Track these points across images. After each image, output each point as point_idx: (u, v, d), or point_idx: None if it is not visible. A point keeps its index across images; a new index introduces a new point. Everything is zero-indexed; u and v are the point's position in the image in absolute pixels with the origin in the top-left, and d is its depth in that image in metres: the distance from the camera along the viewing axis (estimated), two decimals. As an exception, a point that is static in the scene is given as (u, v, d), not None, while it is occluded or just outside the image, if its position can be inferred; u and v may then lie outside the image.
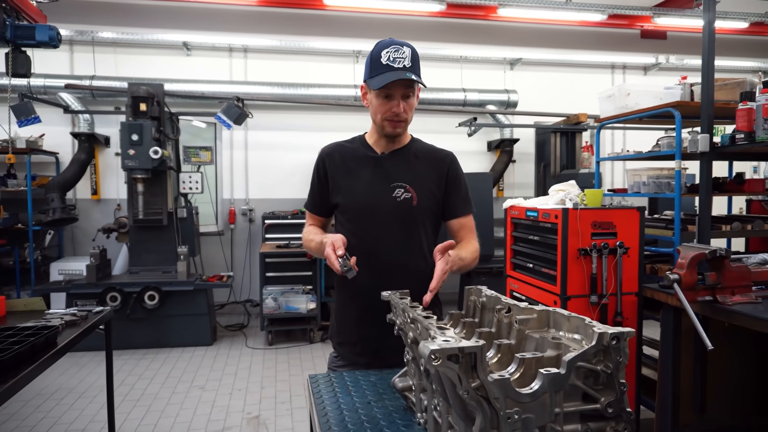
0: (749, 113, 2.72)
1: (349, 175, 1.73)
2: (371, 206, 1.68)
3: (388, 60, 1.56)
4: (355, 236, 1.65)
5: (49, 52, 5.38)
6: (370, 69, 1.61)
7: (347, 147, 1.79)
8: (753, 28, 7.08)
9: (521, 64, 6.95)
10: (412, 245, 1.69)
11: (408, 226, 1.68)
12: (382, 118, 1.65)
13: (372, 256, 1.63)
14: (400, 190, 1.67)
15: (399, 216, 1.67)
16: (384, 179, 1.69)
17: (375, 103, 1.64)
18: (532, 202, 3.07)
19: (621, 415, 0.92)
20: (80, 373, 4.33)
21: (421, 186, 1.69)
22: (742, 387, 2.82)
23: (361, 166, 1.72)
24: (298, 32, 6.41)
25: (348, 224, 1.72)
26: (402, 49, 1.57)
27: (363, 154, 1.74)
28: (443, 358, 0.82)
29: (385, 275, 1.61)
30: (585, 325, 0.97)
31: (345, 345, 1.77)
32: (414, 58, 1.58)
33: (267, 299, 5.11)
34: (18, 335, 1.98)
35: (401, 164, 1.72)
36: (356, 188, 1.70)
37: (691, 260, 2.25)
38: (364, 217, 1.69)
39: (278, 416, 3.57)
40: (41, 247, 5.75)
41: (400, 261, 1.67)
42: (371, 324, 1.65)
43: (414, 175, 1.70)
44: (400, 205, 1.67)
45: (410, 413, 1.31)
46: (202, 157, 6.26)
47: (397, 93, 1.59)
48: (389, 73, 1.54)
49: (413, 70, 1.57)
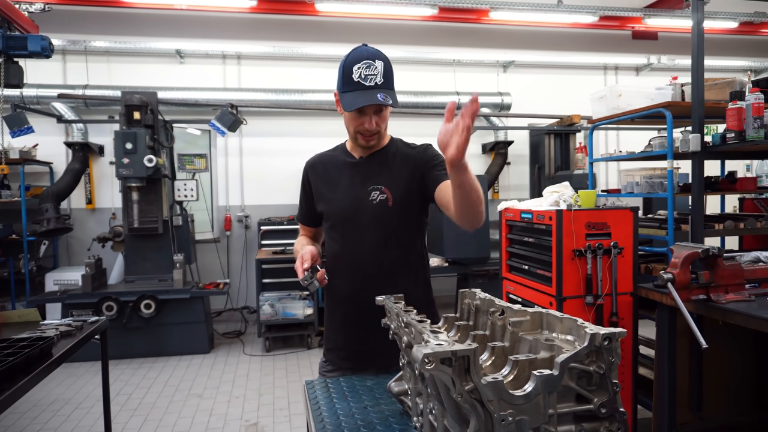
0: (739, 112, 2.74)
1: (330, 183, 1.74)
2: (350, 211, 1.68)
3: (359, 77, 1.53)
4: (337, 243, 1.69)
5: (41, 62, 5.37)
6: (342, 83, 1.59)
7: (329, 155, 1.81)
8: (742, 28, 7.14)
9: (514, 66, 6.98)
10: (391, 249, 1.68)
11: (385, 228, 1.67)
12: (354, 131, 1.65)
13: (354, 262, 1.66)
14: (375, 192, 1.67)
15: (376, 219, 1.66)
16: (361, 183, 1.69)
17: (347, 116, 1.63)
18: (527, 204, 3.08)
19: (614, 415, 0.92)
20: (76, 384, 4.30)
21: (396, 185, 1.67)
22: (738, 385, 2.83)
23: (341, 172, 1.74)
24: (291, 38, 6.43)
25: (331, 231, 1.74)
26: (374, 65, 1.54)
27: (342, 160, 1.76)
28: (436, 362, 0.82)
29: (367, 280, 1.64)
30: (577, 327, 0.97)
31: (332, 350, 1.79)
32: (386, 72, 1.56)
33: (264, 306, 5.10)
34: (12, 347, 1.97)
35: (378, 167, 1.71)
36: (336, 195, 1.72)
37: (685, 259, 2.27)
38: (345, 223, 1.70)
39: (276, 423, 3.56)
40: (36, 258, 5.73)
41: (381, 265, 1.67)
42: (355, 329, 1.68)
43: (390, 176, 1.69)
44: (377, 207, 1.66)
45: (406, 417, 1.31)
46: (196, 164, 6.26)
47: (369, 110, 1.59)
48: (360, 94, 1.53)
49: (386, 85, 1.55)
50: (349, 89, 1.56)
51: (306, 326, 5.24)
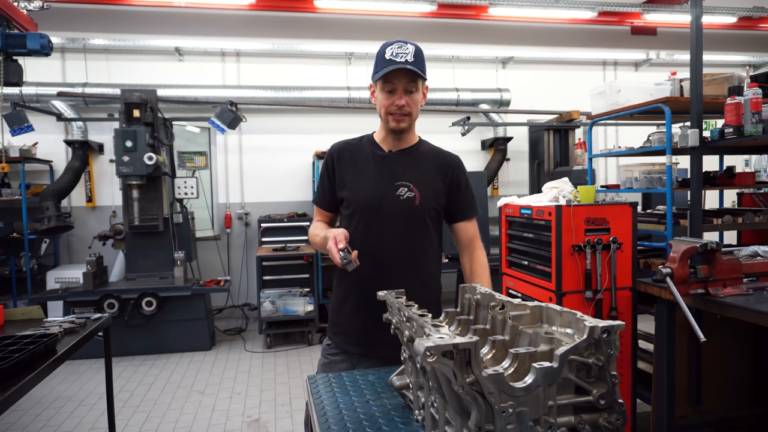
0: (737, 107, 2.75)
1: (356, 172, 1.77)
2: (375, 203, 1.72)
3: (391, 55, 1.61)
4: (357, 231, 1.72)
5: (40, 60, 5.38)
6: (375, 64, 1.67)
7: (355, 144, 1.83)
8: (741, 23, 7.14)
9: (513, 62, 6.98)
10: (412, 242, 1.73)
11: (410, 224, 1.72)
12: (386, 112, 1.69)
13: (373, 250, 1.69)
14: (404, 189, 1.71)
15: (401, 214, 1.71)
16: (389, 177, 1.73)
17: (380, 97, 1.69)
18: (526, 200, 3.09)
19: (613, 406, 0.94)
20: (79, 381, 4.32)
21: (424, 186, 1.73)
22: (737, 378, 2.85)
23: (368, 163, 1.77)
24: (290, 35, 6.42)
25: (352, 219, 1.76)
26: (405, 46, 1.62)
27: (370, 151, 1.79)
28: (438, 355, 0.84)
29: (385, 269, 1.69)
30: (576, 320, 0.99)
31: (340, 335, 1.81)
32: (417, 54, 1.63)
33: (265, 302, 5.12)
34: (17, 343, 1.99)
35: (407, 163, 1.75)
36: (362, 185, 1.75)
37: (683, 254, 2.28)
38: (368, 213, 1.73)
39: (278, 419, 3.58)
40: (37, 256, 5.74)
41: (401, 257, 1.72)
42: (369, 315, 1.69)
43: (419, 175, 1.74)
44: (403, 203, 1.71)
45: (408, 411, 1.33)
46: (196, 162, 6.26)
47: (399, 86, 1.64)
48: (391, 66, 1.60)
49: (416, 64, 1.61)
50: (380, 67, 1.63)
51: (307, 323, 5.26)
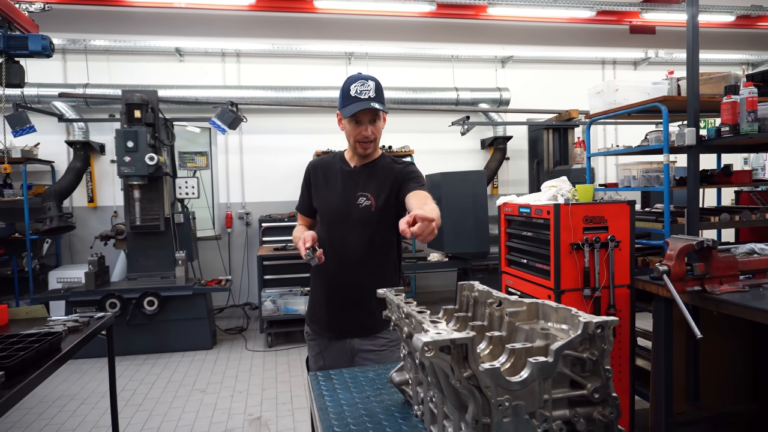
0: (734, 106, 2.77)
1: (326, 185, 2.08)
2: (340, 211, 2.01)
3: (356, 93, 1.89)
4: (326, 234, 2.02)
5: (42, 62, 5.41)
6: (342, 100, 1.93)
7: (329, 161, 2.13)
8: (739, 21, 7.16)
9: (512, 61, 7.00)
10: (370, 244, 1.99)
11: (367, 228, 1.98)
12: (354, 140, 1.97)
13: (338, 251, 1.98)
14: (363, 198, 1.99)
15: (360, 220, 1.98)
16: (352, 189, 2.01)
17: (348, 128, 1.96)
18: (525, 199, 3.11)
19: (607, 400, 0.96)
20: (82, 380, 4.35)
21: (379, 194, 1.99)
22: (734, 375, 2.87)
23: (336, 177, 2.06)
24: (289, 35, 6.45)
25: (323, 224, 2.08)
26: (367, 83, 1.90)
27: (339, 167, 2.08)
28: (436, 350, 0.86)
29: (347, 267, 1.99)
30: (571, 316, 1.01)
31: (316, 322, 2.11)
32: (377, 89, 1.91)
33: (266, 302, 5.15)
34: (22, 342, 2.02)
35: (368, 176, 2.03)
36: (330, 196, 2.06)
37: (680, 251, 2.30)
38: (334, 220, 2.02)
39: (280, 417, 3.60)
40: (39, 256, 5.77)
41: (361, 256, 1.99)
42: (336, 305, 2.01)
43: (376, 185, 2.00)
44: (362, 210, 1.98)
45: (408, 406, 1.36)
46: (197, 162, 6.29)
47: (365, 119, 1.92)
48: (357, 104, 1.87)
49: (377, 99, 1.89)
50: (347, 103, 1.90)
51: (307, 322, 5.27)
